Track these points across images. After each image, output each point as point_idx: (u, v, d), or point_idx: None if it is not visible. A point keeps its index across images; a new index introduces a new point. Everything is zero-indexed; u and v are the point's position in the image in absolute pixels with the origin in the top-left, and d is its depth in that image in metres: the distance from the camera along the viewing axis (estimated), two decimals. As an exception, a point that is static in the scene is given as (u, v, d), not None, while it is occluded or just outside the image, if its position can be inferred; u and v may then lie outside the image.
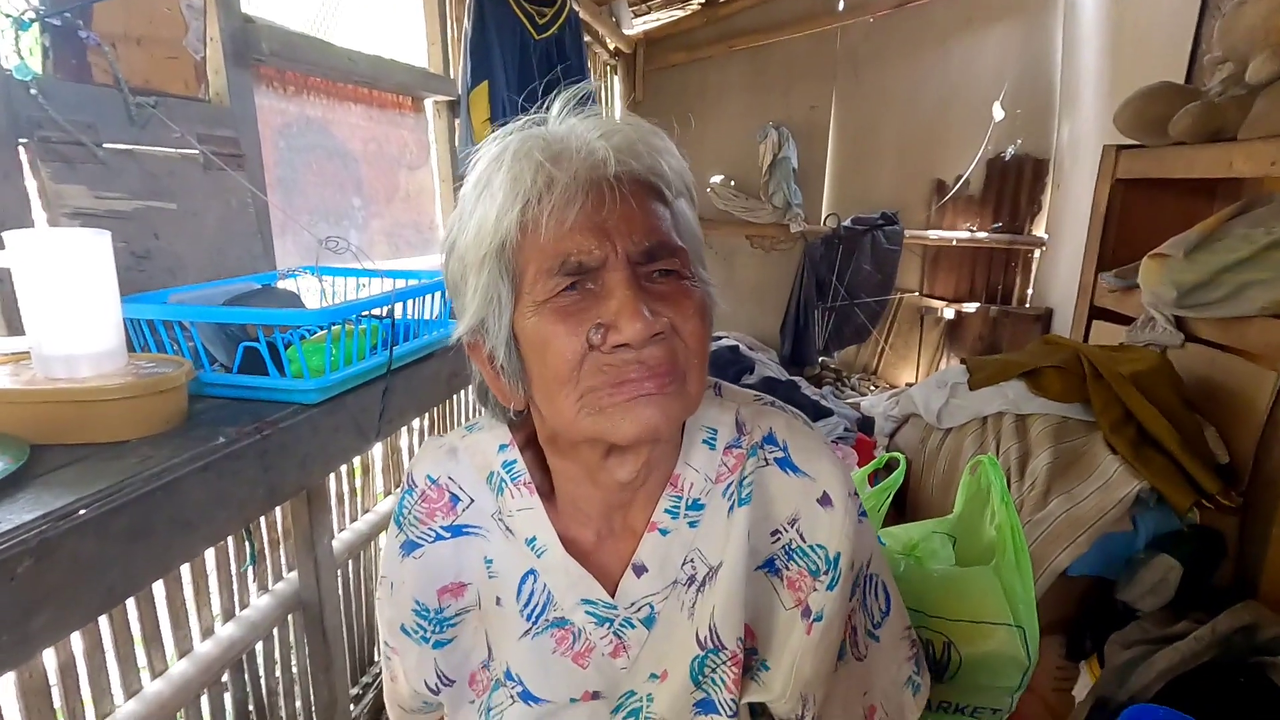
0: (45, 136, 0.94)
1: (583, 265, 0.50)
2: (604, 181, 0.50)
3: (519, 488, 0.62)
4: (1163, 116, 1.83)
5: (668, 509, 0.61)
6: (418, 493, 0.64)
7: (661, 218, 0.53)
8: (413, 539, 0.64)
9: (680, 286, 0.53)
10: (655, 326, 0.49)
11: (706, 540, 0.61)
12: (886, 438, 2.16)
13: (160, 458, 0.79)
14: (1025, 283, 3.95)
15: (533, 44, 2.36)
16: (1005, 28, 3.75)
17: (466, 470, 0.64)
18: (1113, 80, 2.92)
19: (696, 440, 0.61)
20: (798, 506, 0.61)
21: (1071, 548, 1.38)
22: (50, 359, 0.83)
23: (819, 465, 0.62)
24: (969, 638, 0.96)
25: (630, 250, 0.51)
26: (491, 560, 0.62)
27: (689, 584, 0.61)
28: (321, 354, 0.98)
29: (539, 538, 0.61)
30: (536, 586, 0.62)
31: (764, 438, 0.62)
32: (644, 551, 0.61)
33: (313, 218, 1.60)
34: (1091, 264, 2.22)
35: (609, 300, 0.50)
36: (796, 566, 0.61)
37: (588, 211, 0.50)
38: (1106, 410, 1.56)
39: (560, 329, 0.50)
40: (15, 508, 0.67)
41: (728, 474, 0.61)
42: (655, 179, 0.53)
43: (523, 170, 0.51)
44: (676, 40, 4.14)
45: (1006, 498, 1.00)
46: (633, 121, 0.54)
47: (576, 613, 0.61)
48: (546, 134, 0.53)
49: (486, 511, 0.63)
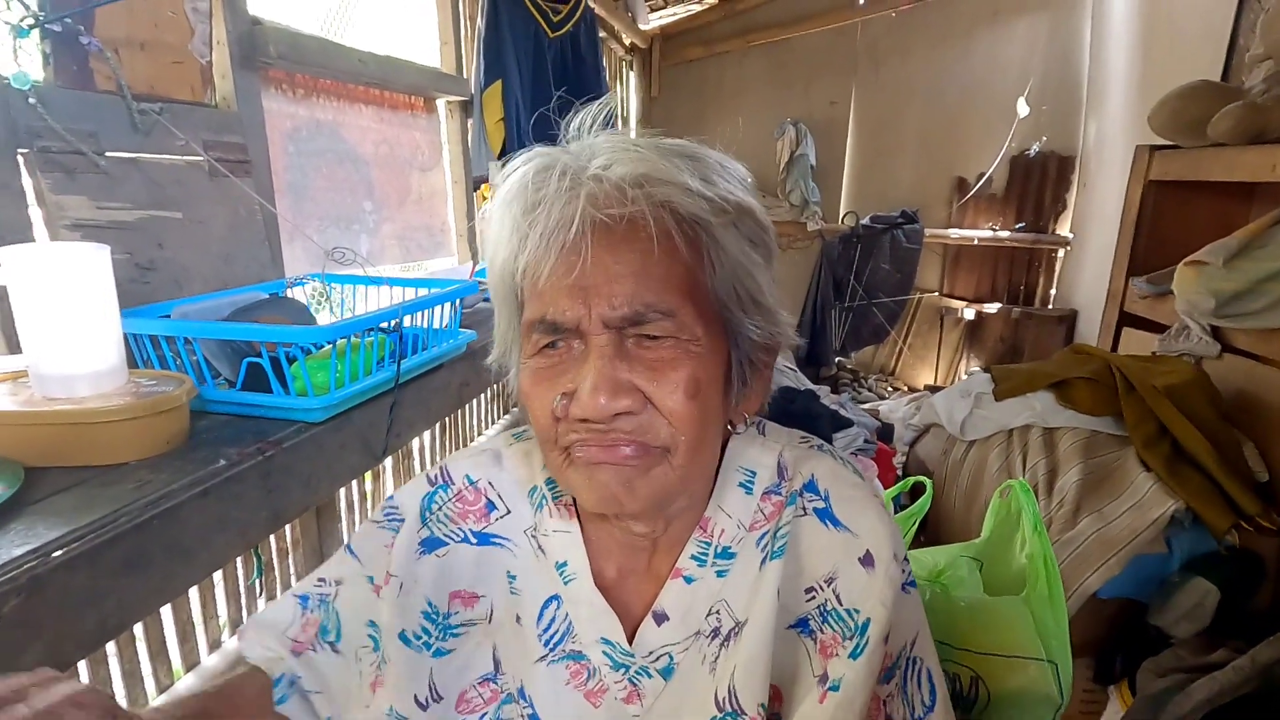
0: (45, 146, 0.92)
1: (558, 325, 0.48)
2: (581, 234, 0.46)
3: (560, 508, 0.59)
4: (1201, 117, 1.75)
5: (694, 555, 0.57)
6: (453, 490, 0.62)
7: (657, 270, 0.47)
8: (438, 536, 0.60)
9: (669, 354, 0.48)
10: (615, 407, 0.46)
11: (734, 592, 0.56)
12: (907, 446, 2.11)
13: (159, 482, 0.76)
14: (1049, 283, 3.86)
15: (547, 42, 2.32)
16: (1031, 21, 3.65)
17: (509, 480, 0.62)
18: (1143, 77, 2.83)
19: (732, 482, 0.57)
20: (836, 564, 0.55)
21: (1102, 569, 1.33)
22: (47, 378, 0.81)
23: (864, 520, 0.55)
24: (998, 672, 0.91)
25: (607, 316, 0.47)
26: (516, 576, 0.60)
27: (713, 637, 0.56)
28: (326, 370, 0.95)
29: (570, 564, 0.58)
30: (559, 614, 0.59)
31: (805, 484, 0.57)
32: (666, 599, 0.57)
33: (323, 223, 1.57)
34: (1122, 268, 2.15)
35: (582, 367, 0.48)
36: (831, 630, 0.55)
37: (558, 272, 0.47)
38: (1140, 425, 1.50)
39: (535, 392, 0.50)
40: (6, 540, 0.64)
41: (764, 522, 0.56)
42: (666, 215, 0.47)
43: (502, 219, 0.50)
44: (693, 35, 4.07)
45: (1039, 525, 0.95)
46: (647, 145, 0.49)
47: (594, 650, 0.58)
48: (534, 174, 0.49)
49: (520, 526, 0.61)
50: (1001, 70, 3.73)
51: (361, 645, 0.59)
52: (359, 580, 0.60)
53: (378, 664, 0.58)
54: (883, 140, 4.03)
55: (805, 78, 4.04)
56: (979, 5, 3.71)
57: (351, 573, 0.60)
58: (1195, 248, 1.72)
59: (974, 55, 3.79)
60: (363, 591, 0.59)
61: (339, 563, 0.62)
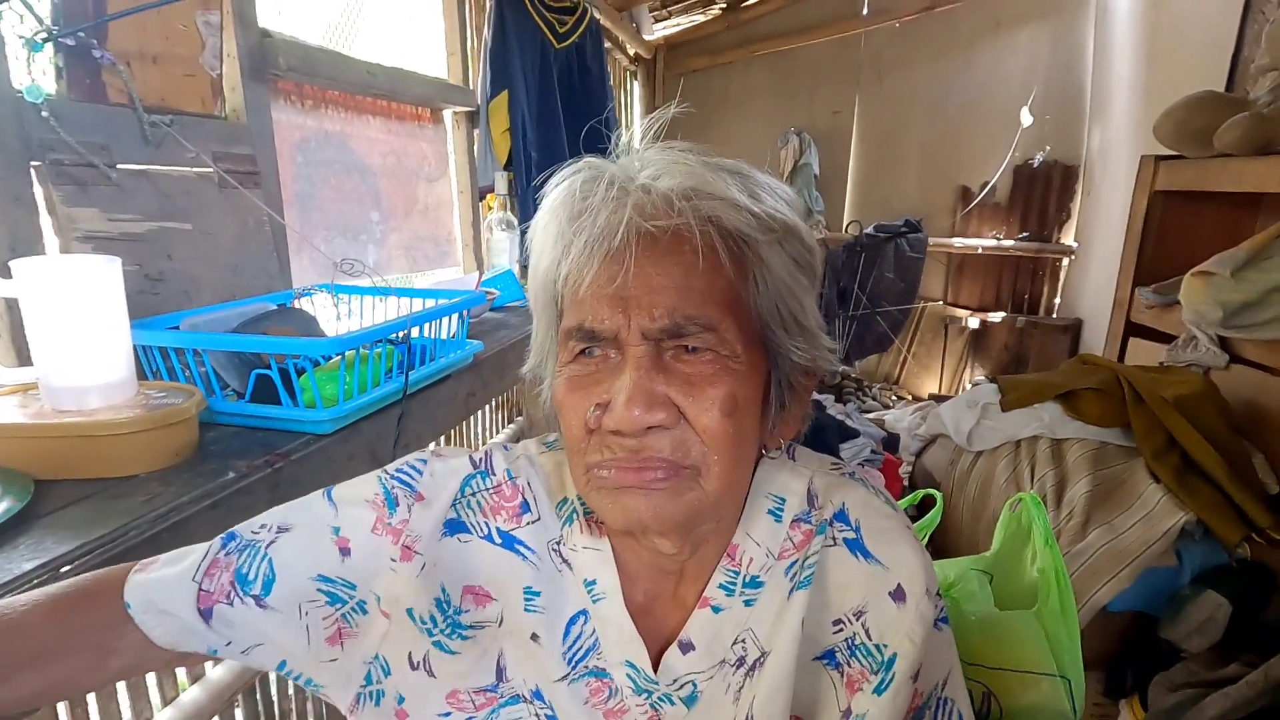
0: (57, 159, 0.92)
1: (596, 334, 0.47)
2: (626, 243, 0.46)
3: (591, 524, 0.56)
4: (1207, 127, 1.76)
5: (723, 584, 0.55)
6: (494, 481, 0.57)
7: (700, 283, 0.46)
8: (464, 521, 0.56)
9: (707, 369, 0.47)
10: (649, 420, 0.45)
11: (760, 622, 0.55)
12: (913, 456, 2.10)
13: (169, 495, 0.76)
14: (1053, 292, 3.86)
15: (553, 53, 2.33)
16: (1034, 32, 3.67)
17: (541, 487, 0.58)
18: (1147, 86, 2.83)
19: (760, 510, 0.55)
20: (865, 597, 0.53)
21: (1113, 582, 1.32)
22: (58, 390, 0.81)
23: (896, 552, 0.54)
24: (1010, 688, 0.91)
25: (646, 327, 0.46)
26: (539, 593, 0.55)
27: (738, 666, 0.55)
28: (335, 382, 0.95)
29: (600, 582, 0.55)
30: (585, 630, 0.56)
31: (835, 514, 0.56)
32: (693, 628, 0.55)
33: (330, 233, 1.58)
34: (1128, 278, 2.14)
35: (619, 377, 0.46)
36: (859, 665, 0.53)
37: (600, 280, 0.46)
38: (1148, 436, 1.49)
39: (569, 400, 0.49)
40: (15, 555, 0.64)
41: (793, 550, 0.55)
42: (712, 229, 0.46)
43: (547, 226, 0.50)
44: (698, 45, 4.10)
45: (1051, 540, 0.94)
46: (695, 159, 0.48)
47: (619, 670, 0.55)
48: (582, 183, 0.49)
49: (546, 537, 0.57)
50: (1005, 80, 3.74)
51: (308, 599, 0.53)
52: (317, 529, 0.55)
53: (337, 617, 0.54)
54: (886, 149, 4.04)
55: (809, 87, 4.05)
56: (982, 16, 3.73)
57: (310, 520, 0.55)
58: (1201, 258, 1.72)
59: (977, 65, 3.80)
60: (317, 543, 0.54)
61: (301, 507, 0.56)
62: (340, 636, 0.54)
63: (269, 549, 0.54)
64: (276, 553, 0.54)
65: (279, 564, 0.54)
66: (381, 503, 0.55)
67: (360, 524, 0.55)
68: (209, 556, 0.54)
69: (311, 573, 0.54)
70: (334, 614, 0.54)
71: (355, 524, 0.55)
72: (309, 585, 0.54)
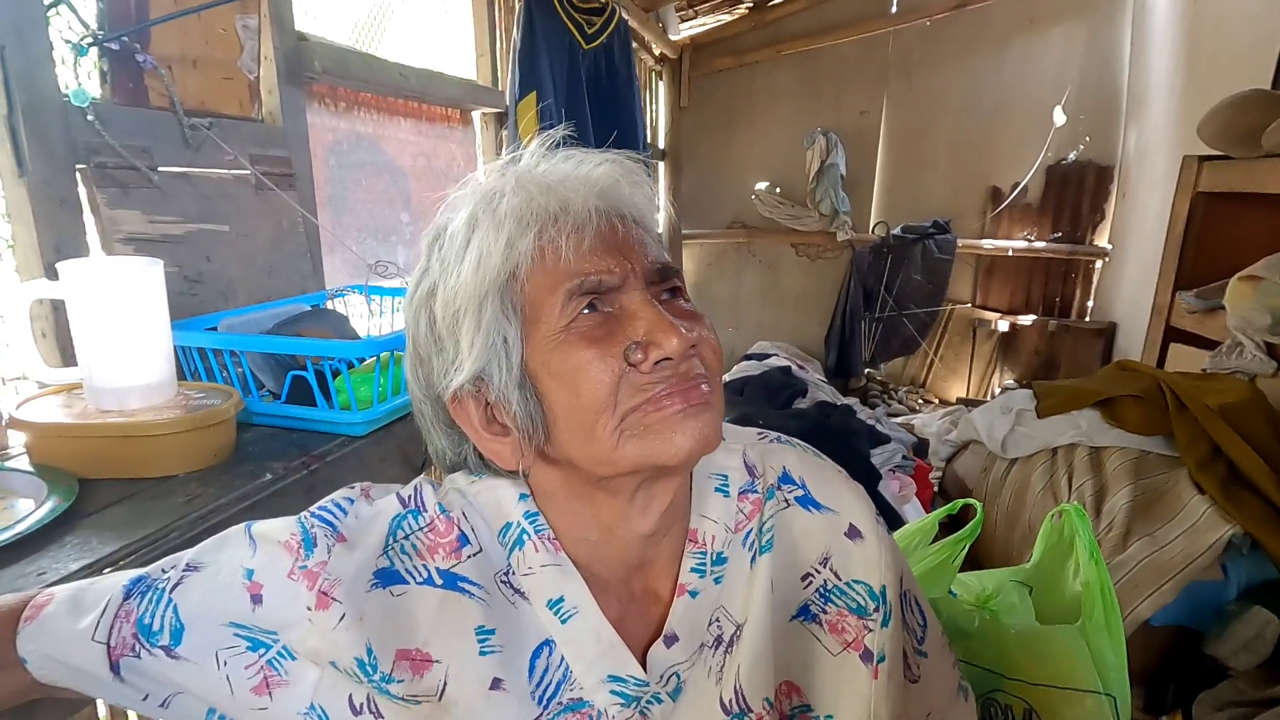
0: (101, 162, 0.94)
1: (603, 284, 0.49)
2: (611, 207, 0.51)
3: (544, 542, 0.53)
4: (1255, 127, 1.70)
5: (694, 568, 0.56)
6: (426, 518, 0.53)
7: (657, 243, 0.54)
8: (399, 570, 0.51)
9: (689, 307, 0.53)
10: (690, 339, 0.49)
11: (731, 596, 0.57)
12: (943, 462, 2.06)
13: (208, 496, 0.77)
14: (1085, 295, 3.77)
15: (581, 53, 2.33)
16: (1069, 29, 3.59)
17: (478, 516, 0.54)
18: (1187, 85, 2.76)
19: (708, 489, 0.57)
20: (827, 544, 0.59)
21: (1155, 596, 1.28)
22: (101, 391, 0.82)
23: (840, 497, 0.60)
24: (1054, 705, 0.88)
25: (646, 270, 0.51)
26: (493, 631, 0.51)
27: (716, 646, 0.56)
28: (370, 384, 0.96)
29: (568, 598, 0.52)
30: (551, 661, 0.52)
31: (779, 478, 0.60)
32: (674, 619, 0.55)
33: (361, 234, 1.59)
34: (1168, 282, 2.09)
35: (635, 321, 0.49)
36: (835, 608, 0.58)
37: (603, 235, 0.50)
38: (1192, 445, 1.45)
39: (591, 353, 0.48)
40: (63, 554, 0.65)
41: (745, 521, 0.58)
42: (642, 214, 0.54)
43: (532, 196, 0.50)
44: (724, 45, 4.07)
45: (1096, 553, 0.91)
46: (614, 158, 0.53)
47: (599, 692, 0.52)
48: (538, 168, 0.52)
49: (491, 570, 0.53)
50: (1037, 79, 3.67)
51: (224, 646, 0.49)
52: (228, 572, 0.50)
53: (261, 664, 0.49)
54: (914, 150, 3.98)
55: (836, 87, 4.01)
56: (1014, 14, 3.66)
57: (224, 561, 0.51)
58: (1246, 262, 1.67)
59: (1009, 64, 3.73)
60: (227, 589, 0.50)
61: (218, 545, 0.52)
62: (267, 686, 0.49)
63: (173, 592, 0.50)
64: (181, 596, 0.50)
65: (185, 609, 0.50)
66: (298, 544, 0.50)
67: (275, 568, 0.50)
68: (109, 609, 0.51)
69: (223, 619, 0.49)
70: (258, 661, 0.49)
71: (269, 568, 0.50)
72: (223, 632, 0.49)
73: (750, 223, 4.28)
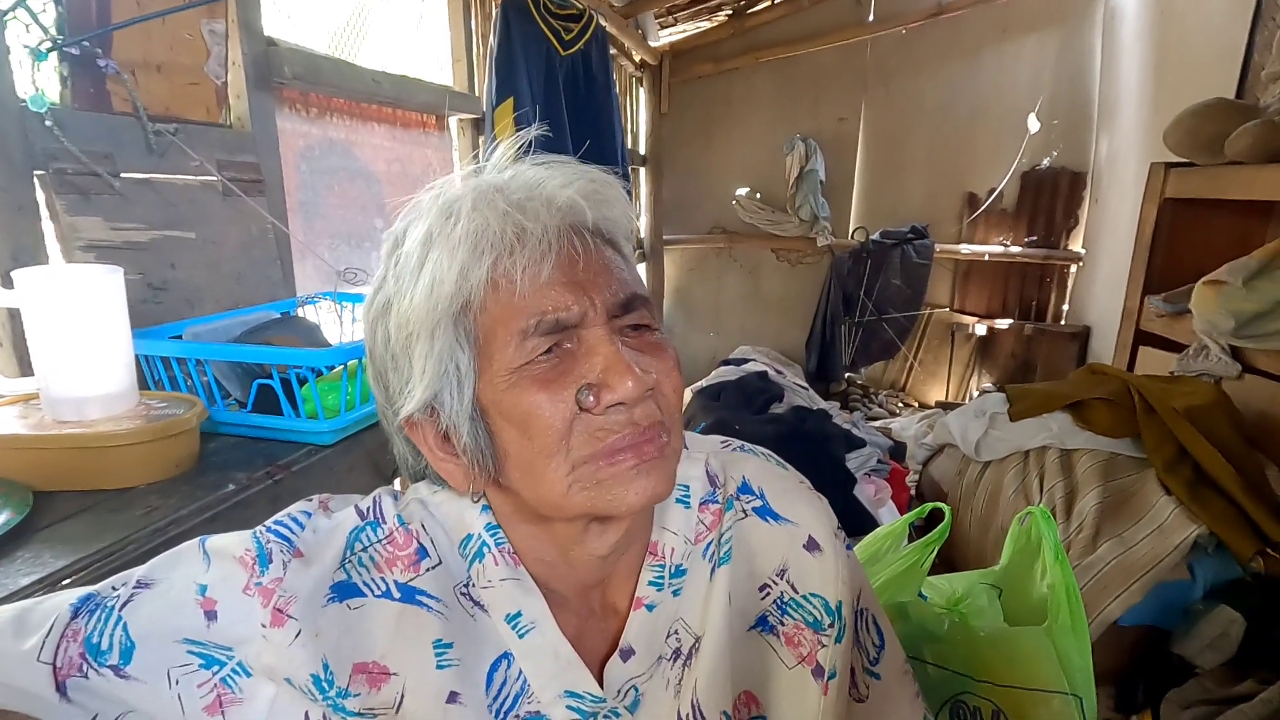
0: (61, 168, 0.92)
1: (559, 322, 0.46)
2: (574, 232, 0.48)
3: (504, 555, 0.52)
4: (1218, 134, 1.74)
5: (652, 581, 0.55)
6: (385, 530, 0.52)
7: (626, 268, 0.51)
8: (355, 583, 0.50)
9: (654, 340, 0.50)
10: (647, 382, 0.47)
11: (689, 609, 0.56)
12: (920, 466, 2.08)
13: (167, 508, 0.76)
14: (1061, 299, 3.83)
15: (559, 60, 2.33)
16: (1041, 38, 3.65)
17: (438, 528, 0.53)
18: (1156, 93, 2.82)
19: (670, 501, 0.56)
20: (784, 556, 0.58)
21: (1124, 596, 1.30)
22: (59, 401, 0.81)
23: (799, 509, 0.59)
24: (1020, 706, 0.89)
25: (608, 303, 0.48)
26: (450, 645, 0.50)
27: (674, 659, 0.55)
28: (337, 393, 0.95)
29: (526, 613, 0.52)
30: (510, 674, 0.52)
31: (739, 487, 0.59)
32: (631, 632, 0.55)
33: (334, 241, 1.58)
34: (1137, 286, 2.12)
35: (592, 358, 0.46)
36: (792, 620, 0.58)
37: (563, 265, 0.47)
38: (1160, 447, 1.47)
39: (543, 397, 0.46)
40: (13, 569, 0.63)
41: (706, 532, 0.57)
42: (614, 229, 0.51)
43: (488, 221, 0.46)
44: (703, 51, 4.09)
45: (1061, 555, 0.93)
46: (586, 169, 0.51)
47: (556, 707, 0.52)
48: (502, 182, 0.49)
49: (451, 582, 0.52)
50: (1011, 86, 3.73)
51: (177, 665, 0.48)
52: (181, 588, 0.49)
53: (215, 682, 0.48)
54: (892, 156, 4.03)
55: (814, 94, 4.04)
56: (988, 23, 3.72)
57: (176, 577, 0.49)
58: (1212, 266, 1.70)
59: (983, 71, 3.78)
60: (179, 606, 0.48)
61: (171, 561, 0.51)
62: (220, 705, 0.48)
63: (123, 610, 0.48)
64: (132, 613, 0.48)
65: (135, 628, 0.48)
66: (253, 560, 0.49)
67: (230, 583, 0.48)
68: (55, 628, 0.49)
69: (175, 636, 0.48)
70: (211, 679, 0.48)
71: (224, 583, 0.49)
72: (175, 649, 0.48)
73: (731, 228, 4.30)
